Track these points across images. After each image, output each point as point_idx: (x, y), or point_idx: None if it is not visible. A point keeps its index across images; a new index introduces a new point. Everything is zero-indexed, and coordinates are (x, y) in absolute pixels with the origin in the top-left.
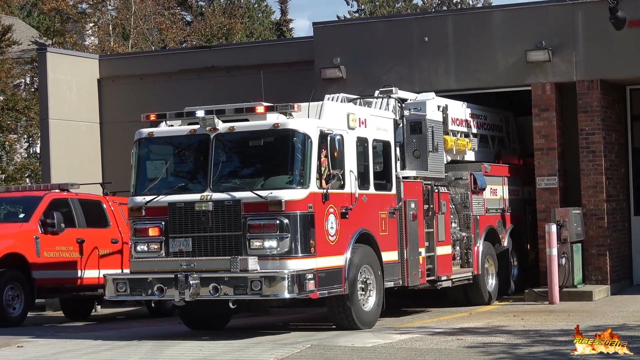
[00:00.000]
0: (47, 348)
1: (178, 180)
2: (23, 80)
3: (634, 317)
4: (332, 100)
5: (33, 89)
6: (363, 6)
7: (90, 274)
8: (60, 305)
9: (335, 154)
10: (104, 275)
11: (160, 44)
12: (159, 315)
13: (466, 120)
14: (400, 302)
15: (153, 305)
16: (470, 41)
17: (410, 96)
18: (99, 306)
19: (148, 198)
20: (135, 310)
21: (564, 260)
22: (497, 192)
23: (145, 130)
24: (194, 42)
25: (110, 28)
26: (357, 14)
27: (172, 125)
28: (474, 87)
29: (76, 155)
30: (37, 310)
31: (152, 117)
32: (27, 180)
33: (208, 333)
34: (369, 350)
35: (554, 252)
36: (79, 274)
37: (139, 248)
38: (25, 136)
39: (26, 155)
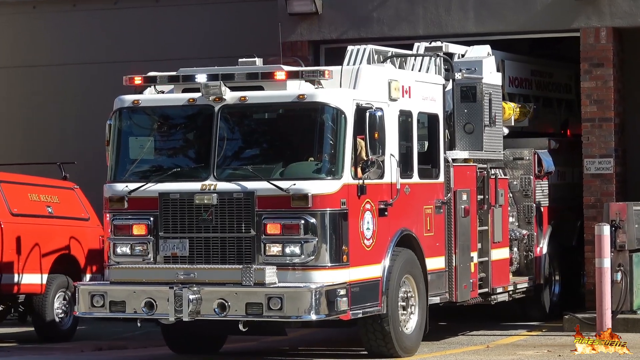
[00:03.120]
0: None
1: (171, 163)
2: None
3: None
4: (357, 53)
5: None
6: None
7: None
8: None
9: (376, 134)
10: (74, 285)
11: None
12: (51, 339)
13: (527, 80)
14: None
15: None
16: None
17: (457, 50)
18: None
19: (132, 186)
20: (19, 332)
21: (619, 276)
22: (565, 175)
23: (129, 98)
24: None
25: None
26: None
27: (162, 92)
28: (501, 32)
29: None
30: None
31: (138, 81)
32: None
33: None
34: None
35: (606, 263)
36: None
37: (119, 250)
38: None
39: None
